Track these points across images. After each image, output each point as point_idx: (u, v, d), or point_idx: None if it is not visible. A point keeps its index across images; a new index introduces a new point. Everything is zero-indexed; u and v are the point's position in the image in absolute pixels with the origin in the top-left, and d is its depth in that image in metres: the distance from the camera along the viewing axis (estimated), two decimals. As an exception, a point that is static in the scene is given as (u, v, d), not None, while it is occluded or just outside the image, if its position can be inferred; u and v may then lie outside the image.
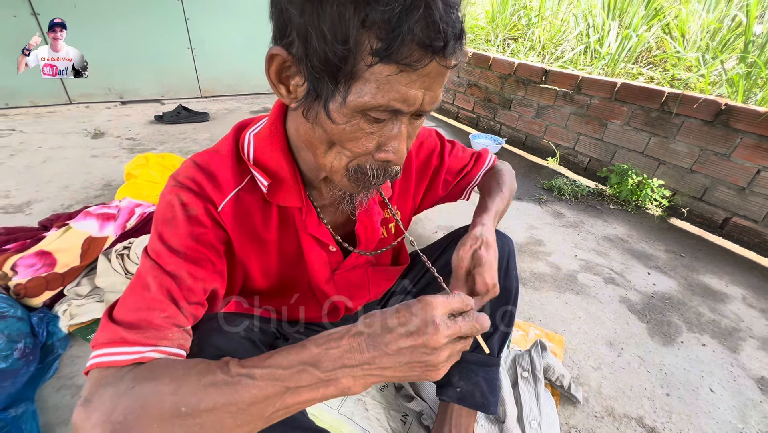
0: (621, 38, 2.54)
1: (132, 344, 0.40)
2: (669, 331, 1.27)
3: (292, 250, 0.61)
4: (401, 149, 0.44)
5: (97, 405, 0.36)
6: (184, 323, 0.45)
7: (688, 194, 1.98)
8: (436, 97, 0.42)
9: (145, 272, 0.46)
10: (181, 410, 0.35)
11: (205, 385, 0.37)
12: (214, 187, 0.51)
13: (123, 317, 0.42)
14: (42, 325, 1.02)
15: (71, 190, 1.81)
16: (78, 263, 1.14)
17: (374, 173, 0.46)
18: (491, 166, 0.81)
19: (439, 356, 0.37)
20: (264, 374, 0.37)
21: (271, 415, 0.37)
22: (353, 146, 0.44)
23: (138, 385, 0.37)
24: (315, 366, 0.37)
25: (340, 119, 0.41)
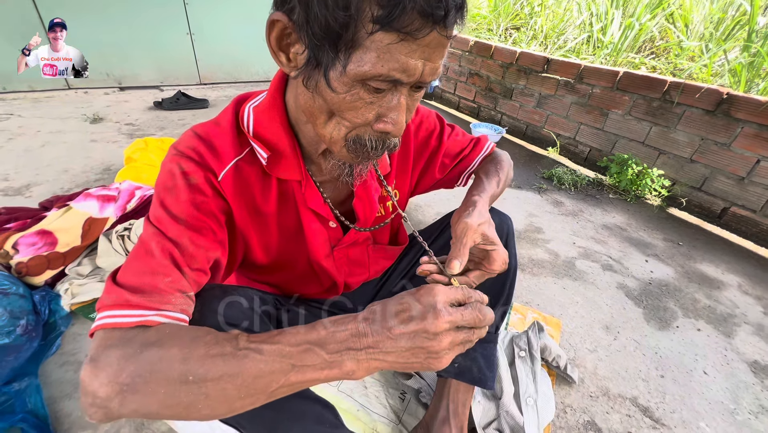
0: (624, 27, 2.52)
1: (136, 306, 0.41)
2: (665, 316, 1.28)
3: (291, 224, 0.62)
4: (400, 121, 0.44)
5: (104, 365, 0.37)
6: (187, 288, 0.45)
7: (687, 184, 1.99)
8: (435, 69, 0.41)
9: (148, 238, 0.46)
10: (189, 379, 0.36)
11: (213, 356, 0.37)
12: (214, 156, 0.51)
13: (127, 280, 0.43)
14: (44, 303, 1.03)
15: (71, 174, 1.81)
16: (79, 243, 1.14)
17: (373, 144, 0.46)
18: (489, 153, 0.80)
19: (440, 342, 0.37)
20: (272, 349, 0.38)
21: (274, 391, 0.38)
22: (352, 116, 0.44)
23: (146, 350, 0.37)
24: (321, 347, 0.38)
25: (341, 88, 0.41)
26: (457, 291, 0.41)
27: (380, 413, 0.88)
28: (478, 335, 0.40)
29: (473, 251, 0.57)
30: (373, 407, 0.89)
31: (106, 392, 0.35)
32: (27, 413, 0.81)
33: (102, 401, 0.35)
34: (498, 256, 0.55)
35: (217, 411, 0.37)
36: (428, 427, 0.78)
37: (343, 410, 0.87)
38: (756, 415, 0.98)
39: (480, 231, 0.55)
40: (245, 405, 0.38)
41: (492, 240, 0.55)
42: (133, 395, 0.35)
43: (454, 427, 0.76)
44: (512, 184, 2.14)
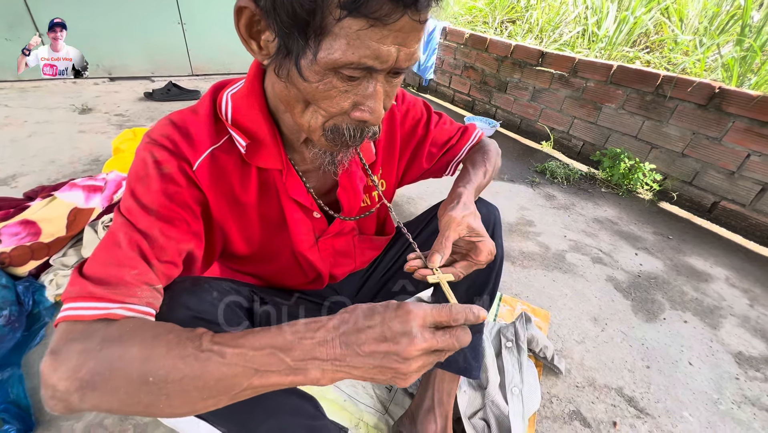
0: (619, 21, 2.51)
1: (100, 299, 0.40)
2: (653, 308, 1.30)
3: (274, 215, 0.60)
4: (377, 109, 0.43)
5: (64, 359, 0.36)
6: (154, 281, 0.44)
7: (678, 178, 2.00)
8: (411, 54, 0.40)
9: (117, 229, 0.45)
10: (149, 380, 0.35)
11: (174, 358, 0.36)
12: (189, 145, 0.50)
13: (92, 272, 0.42)
14: (28, 294, 1.02)
15: (58, 165, 1.78)
16: (64, 234, 1.13)
17: (351, 133, 0.45)
18: (477, 142, 0.79)
19: (409, 366, 0.36)
20: (234, 353, 0.36)
21: (237, 394, 0.37)
22: (327, 105, 0.43)
23: (107, 347, 0.36)
24: (286, 353, 0.36)
25: (313, 77, 0.40)
26: (441, 313, 0.38)
27: (367, 403, 0.88)
28: (447, 354, 0.39)
29: (460, 243, 0.56)
30: (359, 398, 0.89)
31: (65, 387, 0.35)
32: (9, 403, 0.80)
33: (62, 395, 0.35)
34: (484, 247, 0.55)
35: (179, 411, 0.37)
36: (413, 417, 0.78)
37: (329, 401, 0.87)
38: (739, 405, 0.99)
39: (465, 223, 0.54)
40: (208, 406, 0.37)
41: (478, 232, 0.55)
42: (92, 391, 0.35)
43: (438, 416, 0.76)
44: (505, 178, 2.14)
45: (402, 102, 0.70)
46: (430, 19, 0.40)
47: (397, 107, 0.68)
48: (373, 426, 0.84)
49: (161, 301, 0.45)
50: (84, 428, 0.80)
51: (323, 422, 0.58)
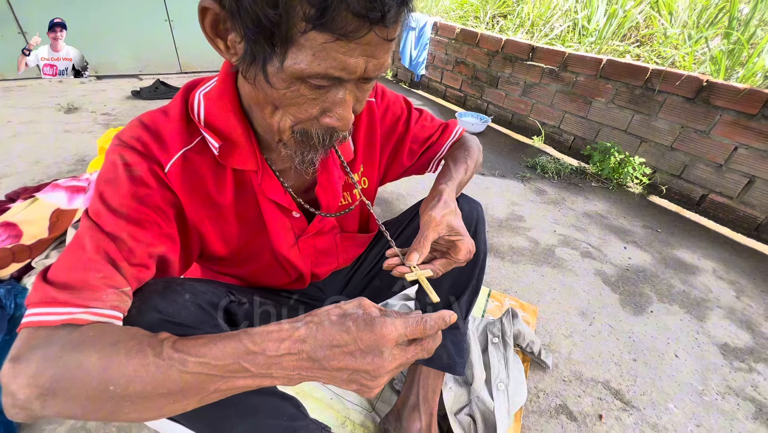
0: (609, 15, 2.51)
1: (63, 304, 0.39)
2: (640, 301, 1.30)
3: (251, 215, 0.59)
4: (345, 116, 0.42)
5: (24, 366, 0.35)
6: (122, 284, 0.43)
7: (667, 172, 2.01)
8: (381, 65, 0.40)
9: (83, 233, 0.44)
10: (110, 389, 0.34)
11: (135, 366, 0.35)
12: (160, 147, 0.48)
13: (56, 277, 0.40)
14: (9, 297, 1.00)
15: (42, 165, 1.76)
16: (46, 235, 1.11)
17: (320, 138, 0.45)
18: (458, 138, 0.79)
19: (378, 382, 0.37)
20: (196, 363, 0.36)
21: (204, 397, 0.36)
22: (295, 111, 0.42)
23: (66, 355, 0.35)
24: (249, 362, 0.36)
25: (280, 84, 0.39)
26: (414, 329, 0.37)
27: (354, 401, 0.88)
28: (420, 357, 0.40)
29: (440, 241, 0.56)
30: (346, 396, 0.88)
31: (25, 394, 0.34)
32: (-11, 409, 0.79)
33: (23, 403, 0.34)
34: (463, 246, 0.55)
35: (146, 416, 0.36)
36: (399, 414, 0.78)
37: (316, 399, 0.87)
38: (723, 396, 1.00)
39: (444, 222, 0.54)
40: (176, 409, 0.36)
41: (457, 230, 0.55)
42: (53, 399, 0.34)
43: (423, 413, 0.76)
44: (495, 173, 2.14)
45: (381, 99, 0.69)
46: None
47: (376, 104, 0.67)
48: (359, 424, 0.84)
49: (129, 304, 0.44)
50: (67, 431, 0.79)
51: (303, 422, 0.57)
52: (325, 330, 0.36)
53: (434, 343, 0.39)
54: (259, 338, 0.36)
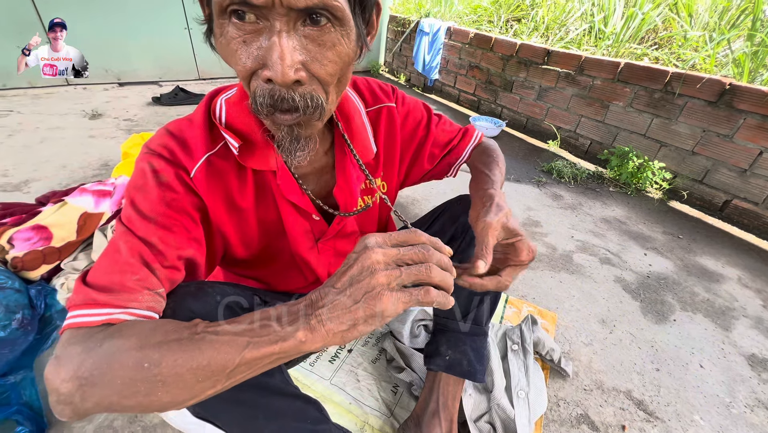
0: (626, 18, 2.48)
1: (103, 305, 0.41)
2: (662, 309, 1.27)
3: (271, 218, 0.61)
4: (275, 61, 0.37)
5: (65, 362, 0.36)
6: (156, 285, 0.45)
7: (688, 177, 1.96)
8: None
9: (118, 238, 0.46)
10: (144, 366, 0.35)
11: (169, 341, 0.37)
12: (185, 153, 0.51)
13: (95, 280, 0.43)
14: (40, 297, 1.04)
15: (69, 170, 1.82)
16: (74, 238, 1.15)
17: (262, 100, 0.41)
18: (479, 143, 0.79)
19: (375, 276, 0.36)
20: (228, 329, 0.38)
21: (232, 371, 0.37)
22: (234, 63, 0.41)
23: (106, 342, 0.37)
24: (276, 320, 0.38)
25: (217, 30, 0.41)
26: (399, 232, 0.39)
27: (372, 406, 0.88)
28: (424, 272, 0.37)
29: (497, 248, 0.55)
30: (365, 400, 0.89)
31: (67, 388, 0.35)
32: (22, 405, 0.82)
33: (65, 398, 0.35)
34: (523, 246, 0.54)
35: (177, 398, 0.37)
36: (419, 420, 0.78)
37: (335, 404, 0.87)
38: (752, 408, 0.97)
39: (501, 226, 0.53)
40: (205, 388, 0.37)
41: (515, 232, 0.54)
42: (91, 388, 0.35)
43: (443, 420, 0.76)
44: (511, 178, 2.12)
45: (402, 104, 0.70)
46: None
47: (397, 109, 0.68)
48: (378, 429, 0.84)
49: (164, 305, 0.46)
50: (95, 429, 0.81)
51: (326, 426, 0.58)
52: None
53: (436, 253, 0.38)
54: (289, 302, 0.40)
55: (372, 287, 0.35)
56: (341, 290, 0.37)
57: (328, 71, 0.41)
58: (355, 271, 0.36)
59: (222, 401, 0.45)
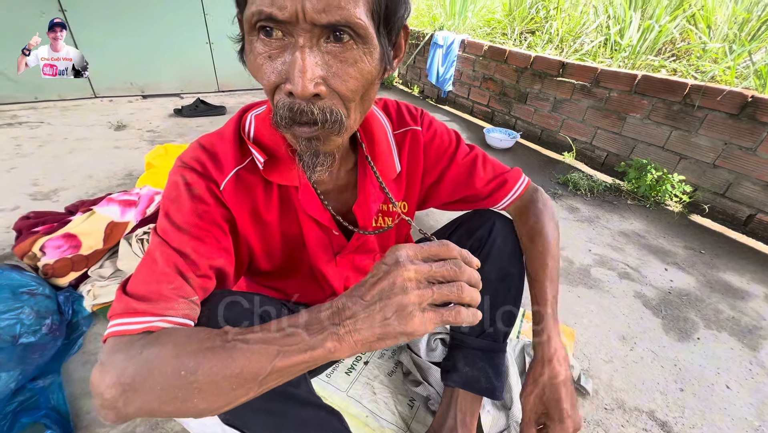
0: (643, 30, 2.46)
1: (142, 314, 0.43)
2: (685, 327, 1.24)
3: (293, 232, 0.63)
4: (295, 76, 0.38)
5: (109, 368, 0.38)
6: (191, 294, 0.47)
7: (710, 190, 1.92)
8: (326, 4, 0.36)
9: (154, 248, 0.48)
10: (181, 374, 0.37)
11: (203, 349, 0.38)
12: (216, 167, 0.53)
13: (134, 289, 0.45)
14: (68, 303, 1.08)
15: (95, 179, 1.89)
16: (101, 246, 1.19)
17: (282, 112, 0.42)
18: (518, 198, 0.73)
19: (407, 295, 0.35)
20: (257, 337, 0.39)
21: (264, 378, 0.38)
22: (260, 78, 0.42)
23: (146, 350, 0.39)
24: (304, 328, 0.38)
25: (247, 46, 0.43)
26: (431, 245, 0.38)
27: (389, 419, 0.88)
28: (456, 292, 0.37)
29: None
30: (381, 414, 0.89)
31: (111, 394, 0.37)
32: (50, 410, 0.85)
33: (109, 402, 0.37)
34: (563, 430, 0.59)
35: (213, 405, 0.38)
36: (436, 435, 0.77)
37: (351, 416, 0.88)
38: (783, 433, 0.93)
39: (539, 400, 0.62)
40: (239, 396, 0.38)
41: (561, 415, 0.59)
42: (134, 393, 0.37)
43: (462, 436, 0.75)
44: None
45: (428, 128, 0.69)
46: None
47: (422, 132, 0.68)
48: (395, 443, 0.83)
49: (198, 312, 0.48)
50: None
51: (348, 438, 0.59)
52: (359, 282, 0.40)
53: (468, 269, 0.38)
54: (314, 308, 0.40)
55: (404, 306, 0.35)
56: (370, 303, 0.37)
57: (348, 87, 0.42)
58: (385, 285, 0.36)
59: (253, 410, 0.46)
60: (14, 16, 2.63)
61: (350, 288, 0.40)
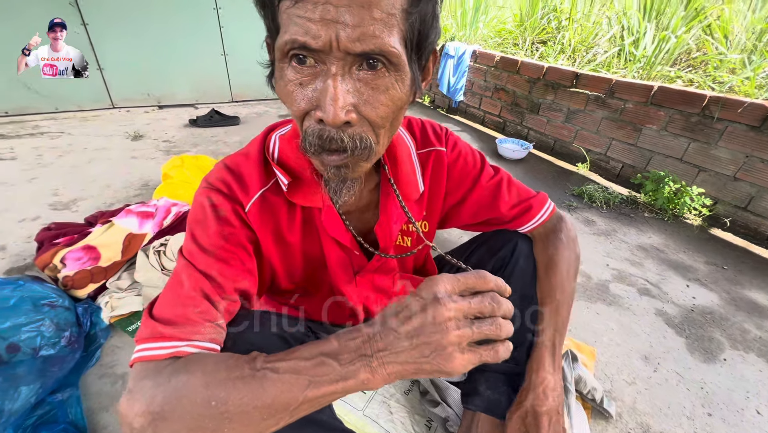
0: (658, 40, 2.44)
1: (169, 338, 0.43)
2: (710, 347, 1.20)
3: (315, 252, 0.62)
4: (326, 104, 0.38)
5: (138, 396, 0.38)
6: (217, 318, 0.47)
7: (731, 203, 1.87)
8: (361, 35, 0.35)
9: (180, 271, 0.48)
10: (212, 404, 0.37)
11: (233, 379, 0.38)
12: (242, 188, 0.53)
13: (161, 313, 0.45)
14: (86, 315, 1.09)
15: (113, 189, 1.92)
16: (119, 258, 1.20)
17: (312, 139, 0.42)
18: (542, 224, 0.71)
19: (447, 335, 0.35)
20: (287, 367, 0.38)
21: (295, 409, 0.37)
22: (290, 104, 0.42)
23: (174, 378, 0.39)
24: (334, 358, 0.38)
25: (277, 73, 0.42)
26: (468, 276, 0.37)
27: (406, 440, 0.86)
28: (494, 330, 0.36)
29: None
30: (398, 434, 0.87)
31: (140, 423, 0.37)
32: (68, 424, 0.85)
33: (138, 431, 0.37)
34: None
35: None
36: (456, 459, 0.75)
37: (368, 436, 0.86)
38: (820, 464, 0.89)
39: None
40: (269, 426, 0.38)
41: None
42: (163, 422, 0.37)
43: (483, 461, 0.73)
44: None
45: (453, 149, 0.69)
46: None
47: (446, 153, 0.68)
48: (413, 466, 0.81)
49: (224, 336, 0.48)
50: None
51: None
52: (392, 306, 0.39)
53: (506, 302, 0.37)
54: (341, 333, 0.40)
55: (443, 346, 0.35)
56: (406, 337, 0.36)
57: (379, 114, 0.41)
58: (423, 322, 0.36)
59: None
60: (40, 30, 2.72)
61: (381, 316, 0.39)
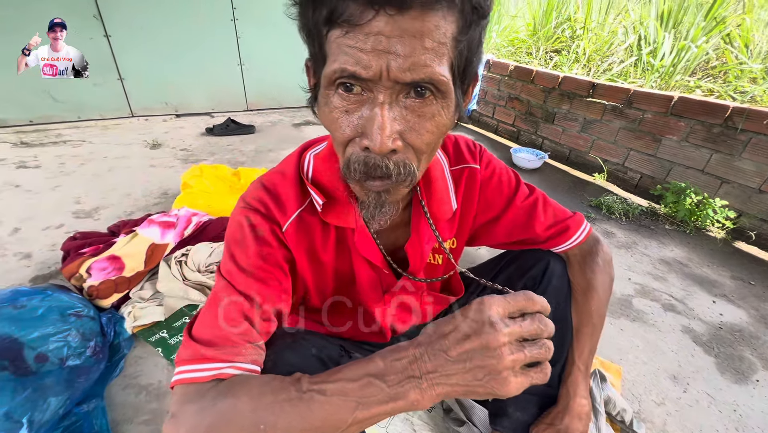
0: (677, 50, 2.42)
1: (211, 360, 0.43)
2: (741, 367, 1.16)
3: (346, 271, 0.62)
4: (373, 132, 0.38)
5: (182, 421, 0.38)
6: (257, 338, 0.47)
7: (756, 216, 1.82)
8: (412, 65, 0.35)
9: (220, 291, 0.48)
10: (260, 428, 0.36)
11: (280, 402, 0.38)
12: (279, 208, 0.53)
13: (201, 334, 0.45)
14: (110, 325, 1.10)
15: (133, 198, 1.95)
16: (142, 268, 1.22)
17: (356, 166, 0.41)
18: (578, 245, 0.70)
19: (502, 360, 0.35)
20: (334, 389, 0.38)
21: (344, 431, 0.38)
22: (334, 130, 0.41)
23: (219, 402, 0.39)
24: (381, 379, 0.37)
25: (322, 99, 0.42)
26: (517, 298, 0.37)
27: (430, 460, 0.84)
28: (543, 353, 0.36)
29: None
30: (422, 454, 0.85)
31: None
32: (94, 436, 0.85)
33: None
34: None
35: None
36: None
37: (392, 455, 0.85)
38: None
39: None
40: None
41: None
42: None
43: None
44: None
45: (486, 167, 0.67)
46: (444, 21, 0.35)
47: (480, 171, 0.67)
48: (438, 488, 0.80)
49: (264, 356, 0.48)
50: (158, 465, 0.82)
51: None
52: (438, 325, 0.39)
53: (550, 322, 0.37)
54: (386, 352, 0.39)
55: (498, 371, 0.35)
56: (458, 360, 0.36)
57: (424, 141, 0.41)
58: (476, 346, 0.35)
59: None
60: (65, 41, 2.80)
61: (425, 335, 0.39)
